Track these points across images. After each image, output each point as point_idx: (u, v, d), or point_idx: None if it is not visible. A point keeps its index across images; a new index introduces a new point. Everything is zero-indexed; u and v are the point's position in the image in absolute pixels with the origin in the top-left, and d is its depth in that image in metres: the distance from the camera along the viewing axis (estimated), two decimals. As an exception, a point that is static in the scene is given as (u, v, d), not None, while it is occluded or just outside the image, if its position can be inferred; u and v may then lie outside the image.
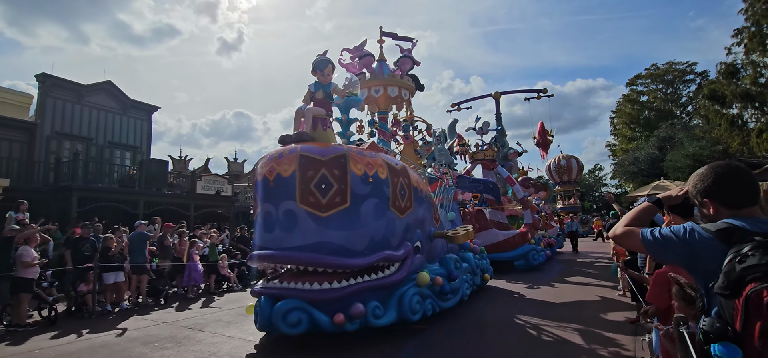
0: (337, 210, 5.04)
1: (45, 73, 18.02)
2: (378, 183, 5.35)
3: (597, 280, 9.82)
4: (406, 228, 5.85)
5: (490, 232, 11.34)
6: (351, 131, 6.54)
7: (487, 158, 12.33)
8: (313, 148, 5.10)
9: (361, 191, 5.17)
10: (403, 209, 5.77)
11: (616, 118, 48.37)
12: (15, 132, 17.31)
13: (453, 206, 9.18)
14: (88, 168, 18.07)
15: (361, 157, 5.29)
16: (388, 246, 5.47)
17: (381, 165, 5.46)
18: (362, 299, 5.06)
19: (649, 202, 1.89)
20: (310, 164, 4.98)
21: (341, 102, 6.31)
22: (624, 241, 1.83)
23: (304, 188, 4.95)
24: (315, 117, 5.59)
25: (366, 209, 5.21)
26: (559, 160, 30.49)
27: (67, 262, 8.38)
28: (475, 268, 7.97)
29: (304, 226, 4.96)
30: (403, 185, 5.82)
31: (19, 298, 7.12)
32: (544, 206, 17.40)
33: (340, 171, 5.06)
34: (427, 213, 6.71)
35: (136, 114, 21.16)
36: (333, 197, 5.02)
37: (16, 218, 10.92)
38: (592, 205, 50.32)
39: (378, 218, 5.34)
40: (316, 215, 4.96)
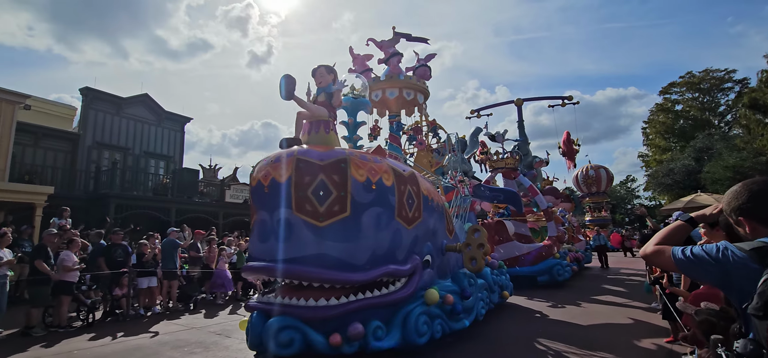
0: (336, 219, 4.52)
1: (88, 86, 18.69)
2: (382, 190, 4.80)
3: (629, 299, 8.84)
4: (414, 240, 5.26)
5: (511, 244, 10.52)
6: (358, 135, 6.02)
7: (508, 167, 11.54)
8: (311, 152, 4.62)
9: (362, 199, 4.63)
10: (410, 220, 5.18)
11: (648, 128, 45.80)
12: (60, 142, 17.96)
13: (470, 216, 8.49)
14: (124, 177, 18.51)
15: (364, 162, 4.76)
16: (392, 260, 4.90)
17: (386, 171, 4.91)
18: (362, 318, 4.52)
19: (681, 220, 1.82)
20: (307, 169, 4.50)
21: (349, 105, 5.82)
22: (655, 260, 1.75)
23: (300, 194, 4.47)
24: (316, 119, 5.12)
25: (368, 219, 4.66)
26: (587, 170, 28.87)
27: (102, 267, 8.53)
28: (493, 284, 7.24)
29: (300, 236, 4.46)
30: (411, 193, 5.24)
31: (61, 300, 7.37)
32: (571, 218, 16.25)
33: (339, 177, 4.54)
34: (439, 224, 6.09)
35: (170, 125, 21.63)
36: (332, 205, 4.51)
37: (59, 224, 11.15)
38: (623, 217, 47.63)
39: (381, 229, 4.78)
40: (313, 225, 4.46)
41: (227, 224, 19.13)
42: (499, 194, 9.28)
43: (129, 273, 8.35)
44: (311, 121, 5.19)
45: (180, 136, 22.14)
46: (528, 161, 16.01)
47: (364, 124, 6.12)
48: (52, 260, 7.58)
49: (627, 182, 53.72)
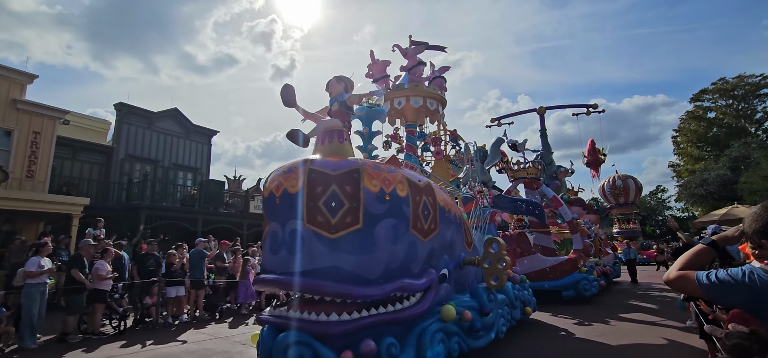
0: (348, 231, 4.34)
1: (122, 102, 19.38)
2: (396, 201, 4.60)
3: (662, 317, 8.26)
4: (429, 253, 5.03)
5: (534, 257, 10.06)
6: (373, 145, 5.86)
7: (530, 177, 11.11)
8: (323, 162, 4.48)
9: (375, 210, 4.45)
10: (426, 232, 4.96)
11: (679, 136, 43.82)
12: (95, 155, 18.65)
13: (490, 227, 8.15)
14: (154, 188, 19.01)
15: (378, 172, 4.58)
16: (407, 273, 4.68)
17: (400, 181, 4.72)
18: (375, 334, 4.30)
19: (703, 243, 1.77)
20: (318, 180, 4.35)
21: (363, 114, 5.67)
22: (679, 285, 1.71)
23: (311, 205, 4.32)
24: (329, 129, 4.99)
25: (381, 231, 4.47)
26: (614, 180, 27.65)
27: (134, 276, 8.74)
28: (514, 300, 6.87)
29: (311, 248, 4.31)
30: (426, 204, 5.02)
31: (95, 308, 7.61)
32: (597, 230, 15.52)
33: (352, 187, 4.38)
34: (456, 236, 5.83)
35: (198, 138, 22.15)
36: (344, 216, 4.34)
37: (94, 234, 11.51)
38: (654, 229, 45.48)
39: (395, 241, 4.57)
40: (325, 237, 4.30)
41: (251, 234, 19.33)
42: (521, 205, 8.90)
43: (159, 282, 8.50)
44: (324, 132, 5.06)
45: (207, 149, 22.64)
46: (551, 171, 15.45)
47: (379, 134, 5.94)
48: (87, 269, 7.80)
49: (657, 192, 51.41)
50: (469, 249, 6.30)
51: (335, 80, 5.24)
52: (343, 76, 5.26)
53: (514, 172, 11.44)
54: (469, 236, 6.52)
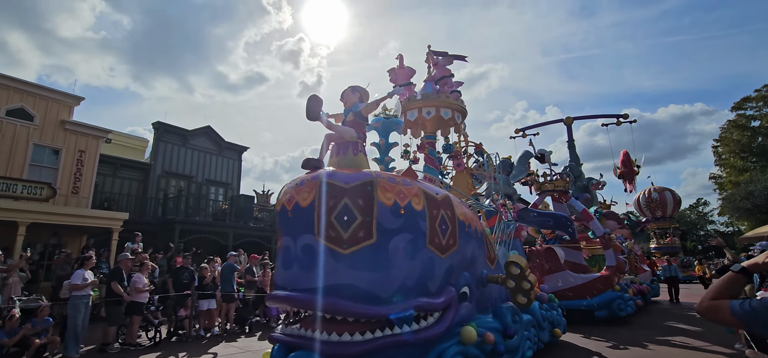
0: (360, 246, 4.12)
1: (159, 121, 20.13)
2: (412, 215, 4.35)
3: (707, 342, 7.48)
4: (448, 270, 4.72)
5: (562, 275, 9.43)
6: (390, 157, 5.64)
7: (557, 189, 10.52)
8: (336, 175, 4.30)
9: (390, 225, 4.21)
10: (444, 247, 4.66)
11: (720, 146, 41.11)
12: (133, 172, 19.39)
13: (515, 243, 7.70)
14: (188, 203, 19.51)
15: (392, 184, 4.35)
16: (424, 292, 4.39)
17: (416, 194, 4.47)
18: (390, 356, 4.00)
19: (733, 271, 1.66)
20: (331, 193, 4.17)
21: (380, 125, 5.48)
22: (712, 316, 1.60)
23: (324, 220, 4.12)
24: (344, 141, 4.82)
25: (396, 246, 4.22)
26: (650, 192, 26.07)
27: (170, 289, 8.89)
28: (542, 321, 6.39)
29: (322, 264, 4.09)
30: (444, 219, 4.73)
31: (132, 319, 7.82)
32: (633, 246, 14.53)
33: (365, 201, 4.17)
34: (478, 252, 5.49)
35: (229, 154, 22.69)
36: (356, 230, 4.12)
37: (132, 248, 11.86)
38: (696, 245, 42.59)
39: (411, 257, 4.31)
40: (337, 252, 4.09)
41: (278, 247, 19.43)
42: (548, 219, 8.39)
43: (192, 295, 8.61)
44: (339, 144, 4.90)
45: (237, 165, 23.13)
46: (582, 183, 14.66)
47: (396, 145, 5.73)
48: (125, 281, 7.99)
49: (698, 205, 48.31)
50: (492, 266, 5.92)
51: (350, 91, 5.09)
52: (358, 86, 5.10)
53: (541, 184, 10.89)
54: (491, 252, 6.14)
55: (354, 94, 5.05)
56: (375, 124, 5.51)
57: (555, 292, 8.52)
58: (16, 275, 9.47)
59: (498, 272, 5.96)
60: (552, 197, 11.14)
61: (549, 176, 11.03)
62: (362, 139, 5.03)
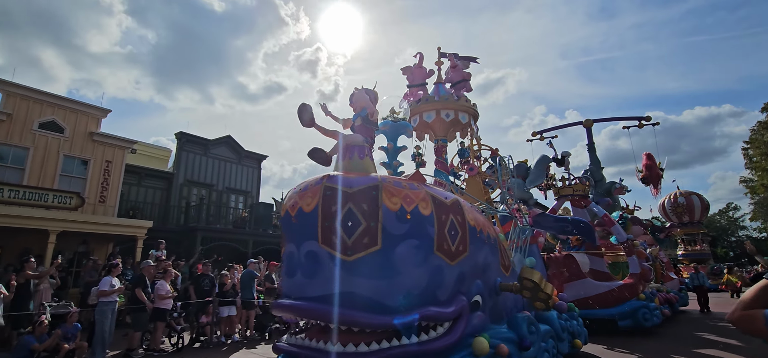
0: (365, 253, 3.92)
1: (182, 131, 20.54)
2: (418, 221, 4.13)
3: (740, 355, 6.89)
4: (458, 278, 4.46)
5: (583, 282, 8.95)
6: (399, 161, 5.44)
7: (576, 194, 10.04)
8: (340, 179, 4.13)
9: (395, 230, 4.00)
10: (453, 254, 4.41)
11: (751, 148, 39.05)
12: (157, 181, 19.81)
13: (532, 250, 7.35)
14: (209, 211, 19.78)
15: (398, 189, 4.15)
16: (432, 300, 4.15)
17: (423, 199, 4.25)
18: (396, 368, 3.76)
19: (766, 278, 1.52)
20: (334, 197, 4.00)
21: (388, 128, 5.30)
22: (745, 327, 1.47)
23: (326, 224, 3.96)
24: (349, 145, 4.65)
25: (402, 253, 4.00)
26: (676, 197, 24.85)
27: (191, 296, 8.95)
28: (561, 331, 6.00)
29: (326, 271, 3.93)
30: (454, 224, 4.49)
31: (156, 326, 7.90)
32: (658, 253, 13.78)
33: (369, 205, 3.97)
34: (491, 259, 5.20)
35: (249, 163, 22.96)
36: (361, 236, 3.93)
37: (156, 255, 12.04)
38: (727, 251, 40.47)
39: (418, 265, 4.08)
40: (340, 259, 3.91)
41: (296, 254, 19.43)
42: (567, 224, 7.98)
43: (213, 302, 8.64)
44: (345, 148, 4.74)
45: (257, 173, 23.37)
46: (605, 188, 14.00)
47: (404, 149, 5.53)
48: (149, 288, 8.06)
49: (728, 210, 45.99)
50: (506, 273, 5.61)
51: (359, 94, 4.92)
52: (368, 89, 4.93)
53: (559, 189, 10.45)
54: (506, 259, 5.83)
55: (363, 98, 4.87)
56: (383, 128, 5.33)
57: (576, 300, 8.07)
58: (47, 281, 9.70)
59: (513, 280, 5.65)
60: (571, 202, 10.68)
61: (568, 180, 10.58)
62: (370, 144, 4.85)
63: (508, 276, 5.67)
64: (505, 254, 5.86)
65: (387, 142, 5.39)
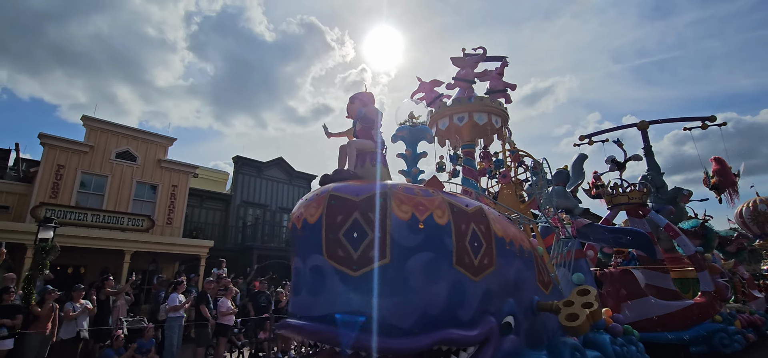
0: (372, 267, 3.39)
1: (238, 155, 21.46)
2: (433, 231, 3.56)
3: None
4: (484, 296, 3.80)
5: (644, 302, 7.59)
6: (418, 168, 4.89)
7: (632, 202, 8.71)
8: (345, 187, 3.69)
9: (406, 242, 3.46)
10: (477, 268, 3.77)
11: None
12: (216, 203, 20.74)
13: (580, 264, 6.34)
14: (264, 230, 20.28)
15: (410, 196, 3.62)
16: (453, 322, 3.53)
17: (439, 206, 3.67)
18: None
19: None
20: (339, 207, 3.55)
21: (405, 133, 4.81)
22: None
23: (331, 237, 3.52)
24: (360, 151, 4.21)
25: (414, 267, 3.44)
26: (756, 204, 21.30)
27: (250, 312, 9.03)
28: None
29: (331, 288, 3.47)
30: (476, 234, 3.85)
31: (219, 341, 7.97)
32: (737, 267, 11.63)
33: (376, 215, 3.46)
34: (525, 274, 4.44)
35: (300, 183, 23.42)
36: (367, 249, 3.43)
37: (218, 273, 12.44)
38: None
39: (434, 280, 3.50)
40: (346, 274, 3.43)
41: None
42: (622, 236, 6.84)
43: (270, 318, 8.62)
44: (357, 156, 4.30)
45: (307, 192, 23.74)
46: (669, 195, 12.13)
47: (425, 155, 4.97)
48: (211, 305, 8.19)
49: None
50: (545, 291, 4.78)
51: (350, 102, 4.51)
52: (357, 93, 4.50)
53: (613, 197, 9.17)
54: (545, 275, 5.00)
55: (354, 103, 4.46)
56: (400, 134, 4.84)
57: (635, 323, 6.83)
58: (123, 298, 10.23)
59: (556, 298, 4.80)
60: (627, 211, 9.32)
61: (621, 187, 9.27)
62: (380, 146, 4.38)
63: (549, 294, 4.83)
64: (543, 269, 5.03)
65: (405, 148, 4.88)
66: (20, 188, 14.45)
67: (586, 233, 6.82)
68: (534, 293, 4.53)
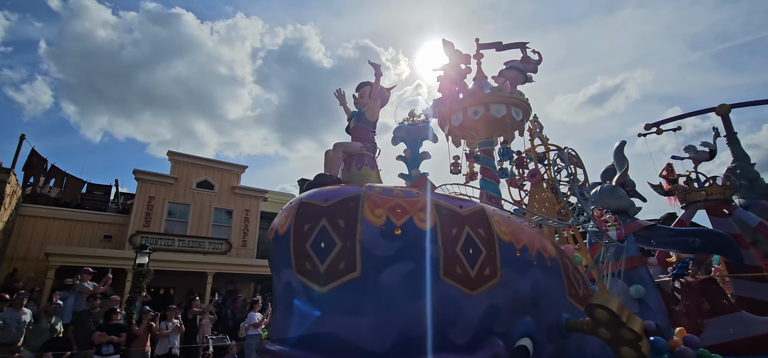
0: (341, 282, 2.83)
1: (303, 177, 22.20)
2: (413, 237, 2.89)
3: None
4: (488, 313, 2.99)
5: (735, 318, 5.70)
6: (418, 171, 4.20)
7: (712, 199, 6.81)
8: (317, 193, 3.19)
9: (379, 251, 2.83)
10: (474, 280, 2.98)
11: None
12: (284, 224, 21.53)
13: (640, 274, 4.98)
14: (325, 248, 20.50)
15: (386, 198, 3.00)
16: (444, 344, 2.79)
17: (422, 209, 2.99)
18: None
19: None
20: (307, 215, 3.05)
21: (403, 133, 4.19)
22: None
23: (298, 248, 3.01)
24: (347, 154, 3.70)
25: (389, 280, 2.79)
26: None
27: None
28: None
29: (300, 306, 2.92)
30: (472, 240, 3.07)
31: None
32: None
33: (345, 221, 2.91)
34: (549, 286, 3.49)
35: (358, 202, 23.40)
36: (336, 261, 2.87)
37: None
38: None
39: (415, 296, 2.81)
40: (313, 290, 2.87)
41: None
42: (690, 238, 5.26)
43: None
44: (344, 159, 3.79)
45: (364, 211, 23.68)
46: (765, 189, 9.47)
47: (427, 156, 4.27)
48: None
49: None
50: (581, 307, 3.71)
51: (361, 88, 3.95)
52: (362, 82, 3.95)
53: (686, 193, 7.32)
54: (582, 288, 3.91)
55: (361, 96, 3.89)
56: (397, 134, 4.21)
57: (721, 344, 5.12)
58: (207, 317, 10.83)
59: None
60: (707, 210, 7.37)
61: (697, 182, 7.38)
62: (370, 149, 3.80)
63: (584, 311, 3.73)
64: (579, 280, 3.94)
65: (404, 149, 4.23)
66: (120, 218, 16.27)
67: (646, 237, 5.39)
68: (562, 309, 3.51)
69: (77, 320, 7.86)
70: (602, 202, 6.21)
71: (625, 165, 5.88)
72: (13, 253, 13.66)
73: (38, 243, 13.73)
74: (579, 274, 4.08)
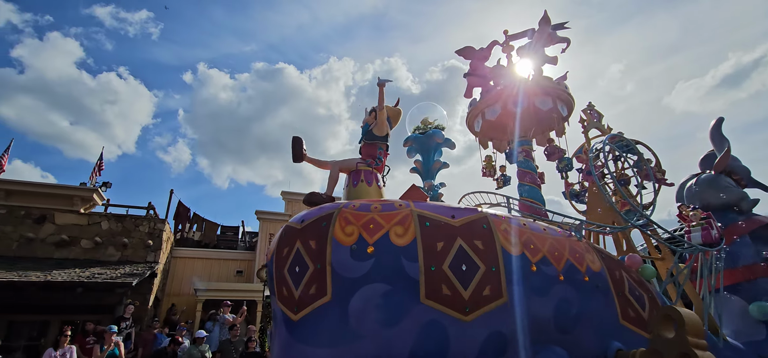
0: (312, 308, 2.46)
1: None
2: (387, 255, 2.41)
3: None
4: (489, 341, 2.32)
5: None
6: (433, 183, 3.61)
7: None
8: (299, 214, 2.90)
9: (349, 273, 2.41)
10: (469, 302, 2.34)
11: None
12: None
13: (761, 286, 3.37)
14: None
15: (360, 214, 2.59)
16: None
17: (400, 222, 2.51)
18: None
19: None
20: (285, 238, 2.78)
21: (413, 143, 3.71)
22: None
23: (278, 274, 2.75)
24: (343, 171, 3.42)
25: (361, 306, 2.33)
26: None
27: None
28: None
29: (279, 336, 2.64)
30: (465, 254, 2.45)
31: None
32: None
33: (317, 242, 2.57)
34: (584, 308, 2.55)
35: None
36: (308, 285, 2.52)
37: None
38: None
39: (390, 322, 2.30)
40: (288, 318, 2.55)
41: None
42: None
43: None
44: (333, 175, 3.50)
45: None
46: None
47: (444, 165, 3.64)
48: None
49: None
50: (641, 331, 2.60)
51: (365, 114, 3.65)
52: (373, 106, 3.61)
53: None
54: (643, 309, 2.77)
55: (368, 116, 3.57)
56: (408, 144, 3.71)
57: None
58: None
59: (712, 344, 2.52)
60: None
61: None
62: (374, 165, 3.40)
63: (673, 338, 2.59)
64: (638, 299, 2.81)
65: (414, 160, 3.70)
66: (248, 255, 18.18)
67: (763, 237, 3.64)
68: (610, 336, 2.49)
69: (222, 347, 8.67)
70: (701, 197, 4.56)
71: (724, 146, 4.09)
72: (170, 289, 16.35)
73: (188, 281, 16.18)
74: (646, 291, 2.90)
